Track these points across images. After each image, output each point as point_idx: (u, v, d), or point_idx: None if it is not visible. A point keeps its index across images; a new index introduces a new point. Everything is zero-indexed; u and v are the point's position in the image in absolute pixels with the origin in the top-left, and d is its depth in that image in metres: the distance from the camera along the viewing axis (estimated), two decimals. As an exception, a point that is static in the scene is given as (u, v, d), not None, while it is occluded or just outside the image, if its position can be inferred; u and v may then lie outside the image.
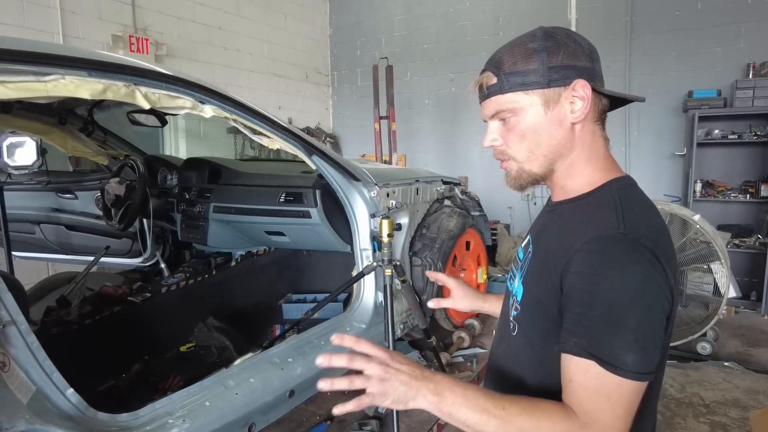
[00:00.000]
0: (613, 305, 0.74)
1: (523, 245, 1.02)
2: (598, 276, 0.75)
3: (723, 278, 3.77)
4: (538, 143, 0.87)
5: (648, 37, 5.59)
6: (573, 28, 5.98)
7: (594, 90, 0.84)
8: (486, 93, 0.89)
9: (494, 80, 0.87)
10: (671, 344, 3.83)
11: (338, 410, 0.79)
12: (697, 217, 3.84)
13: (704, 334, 3.83)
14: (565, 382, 0.78)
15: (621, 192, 0.85)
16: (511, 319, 0.94)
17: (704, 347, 3.85)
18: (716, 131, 5.01)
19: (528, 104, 0.85)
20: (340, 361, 0.79)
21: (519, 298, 0.92)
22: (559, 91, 0.84)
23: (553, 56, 0.83)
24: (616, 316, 0.73)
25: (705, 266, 3.92)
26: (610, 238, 0.77)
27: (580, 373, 0.75)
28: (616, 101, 0.91)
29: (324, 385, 0.80)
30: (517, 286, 0.93)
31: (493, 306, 1.22)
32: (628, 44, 5.63)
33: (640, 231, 0.77)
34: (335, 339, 0.84)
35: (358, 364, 0.79)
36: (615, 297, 0.74)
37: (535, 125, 0.86)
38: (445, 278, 1.27)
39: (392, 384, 0.77)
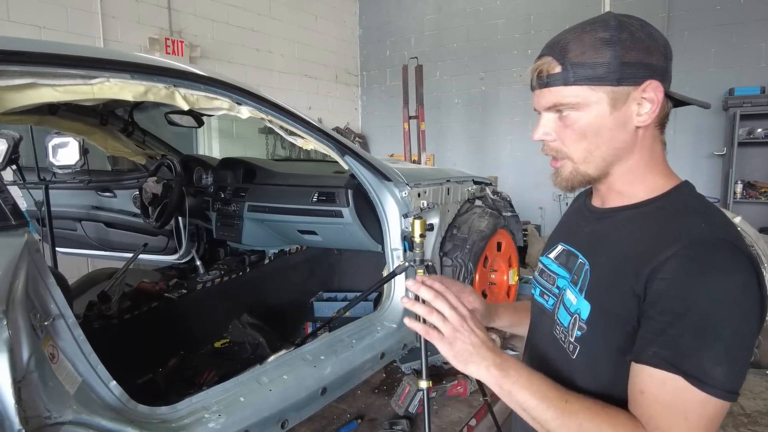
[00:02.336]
0: (708, 314, 0.67)
1: (553, 256, 0.94)
2: (696, 283, 0.68)
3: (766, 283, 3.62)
4: (598, 144, 0.80)
5: (686, 34, 5.42)
6: (607, 25, 5.84)
7: (666, 93, 0.78)
8: (545, 81, 0.79)
9: (558, 68, 0.78)
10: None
11: (407, 321, 0.82)
12: (738, 220, 3.70)
13: (745, 341, 3.69)
14: (633, 392, 0.72)
15: (695, 197, 0.80)
16: (572, 340, 0.83)
17: (745, 354, 3.71)
18: (759, 130, 4.83)
19: (594, 101, 0.77)
20: (427, 294, 0.81)
21: (584, 316, 0.80)
22: (629, 91, 0.77)
23: (628, 51, 0.75)
24: (710, 327, 0.67)
25: (760, 268, 3.77)
26: (709, 244, 0.70)
27: (655, 385, 0.69)
28: (677, 103, 0.84)
29: (406, 301, 0.82)
30: (576, 303, 0.83)
31: (504, 320, 1.10)
32: (665, 41, 5.48)
33: (734, 236, 0.72)
34: (415, 281, 0.84)
35: (440, 305, 0.79)
36: (712, 306, 0.67)
37: (597, 125, 0.78)
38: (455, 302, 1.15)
39: (463, 338, 0.77)
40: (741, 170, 5.00)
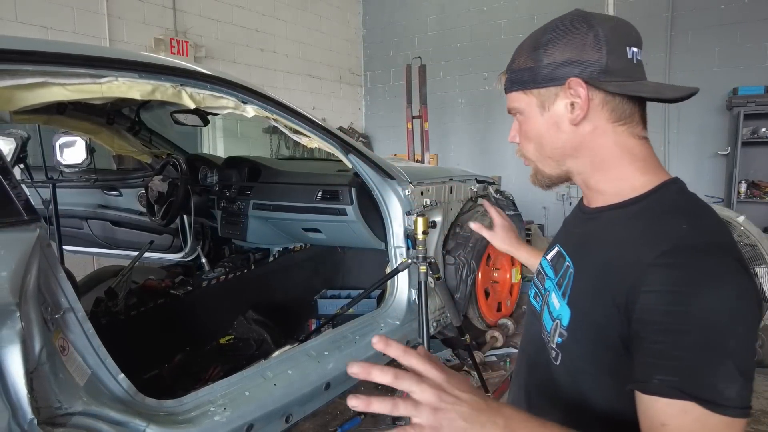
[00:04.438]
0: (710, 329, 0.61)
1: (549, 257, 0.91)
2: (689, 295, 0.62)
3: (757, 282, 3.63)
4: (541, 144, 0.82)
5: (690, 33, 5.42)
6: (611, 25, 5.84)
7: (599, 88, 0.74)
8: (502, 90, 0.87)
9: (503, 78, 0.85)
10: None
11: (355, 403, 0.58)
12: (741, 219, 3.70)
13: (748, 340, 3.69)
14: (653, 426, 0.63)
15: (683, 195, 0.75)
16: (553, 346, 0.79)
17: (748, 353, 3.72)
18: (763, 129, 4.82)
19: (525, 105, 0.81)
20: (383, 377, 0.59)
21: (565, 322, 0.77)
22: (555, 91, 0.77)
23: (554, 51, 0.76)
24: (715, 342, 0.61)
25: (750, 270, 3.78)
26: (694, 249, 0.65)
27: (677, 416, 0.61)
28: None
29: (356, 403, 0.58)
30: (558, 308, 0.79)
31: (525, 257, 1.19)
32: (668, 41, 5.48)
33: (724, 239, 0.68)
34: (378, 343, 0.63)
35: (405, 384, 0.59)
36: (712, 318, 0.61)
37: (536, 127, 0.82)
38: (493, 212, 1.26)
39: (448, 416, 0.58)
40: (745, 170, 4.99)
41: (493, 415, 0.60)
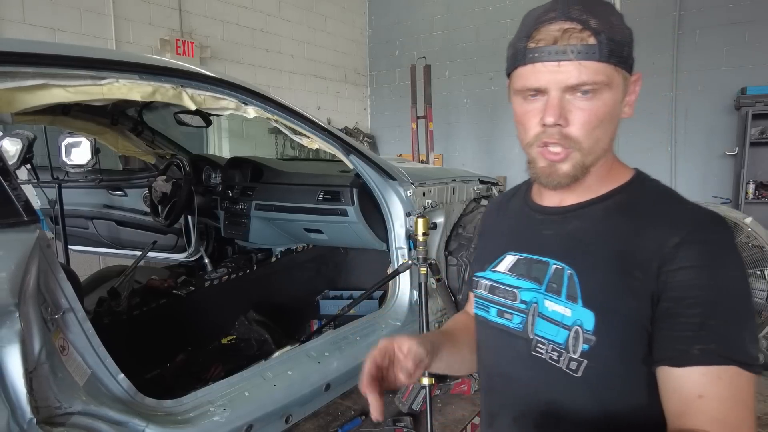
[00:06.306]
0: (737, 295, 0.66)
1: (504, 268, 0.83)
2: (718, 267, 0.66)
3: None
4: (606, 132, 0.72)
5: (698, 32, 5.37)
6: (617, 25, 5.81)
7: None
8: (575, 52, 0.67)
9: (593, 40, 0.67)
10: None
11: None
12: (749, 220, 3.67)
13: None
14: (688, 399, 0.64)
15: (658, 183, 0.78)
16: (575, 356, 0.73)
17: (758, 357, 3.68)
18: (771, 130, 4.77)
19: (616, 84, 0.70)
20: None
21: (589, 327, 0.71)
22: (629, 78, 0.73)
23: (631, 37, 0.71)
24: (740, 307, 0.66)
25: (758, 271, 3.74)
26: (712, 224, 0.69)
27: (712, 383, 0.63)
28: None
29: None
30: (571, 314, 0.73)
31: (442, 362, 0.85)
32: (675, 40, 5.43)
33: (714, 211, 0.70)
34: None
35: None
36: (739, 287, 0.66)
37: (612, 111, 0.71)
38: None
39: None
40: (753, 170, 4.94)
41: None
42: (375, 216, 2.45)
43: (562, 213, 0.80)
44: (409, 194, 2.34)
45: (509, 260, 0.83)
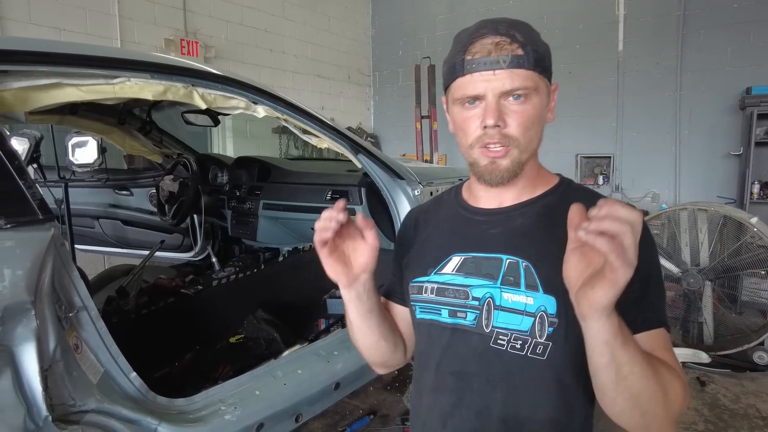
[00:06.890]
0: (659, 270, 0.81)
1: (450, 269, 0.87)
2: (646, 247, 0.73)
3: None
4: (537, 132, 0.83)
5: (702, 32, 5.36)
6: (621, 25, 5.82)
7: None
8: (507, 61, 0.78)
9: (520, 51, 0.78)
10: (724, 353, 3.65)
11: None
12: (754, 220, 3.67)
13: (761, 343, 3.65)
14: (656, 351, 0.79)
15: (578, 183, 0.95)
16: (541, 341, 0.80)
17: (761, 357, 3.67)
18: (776, 130, 4.77)
19: (541, 89, 0.81)
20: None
21: (552, 310, 0.79)
22: (549, 87, 0.85)
23: (549, 51, 0.85)
24: (660, 278, 0.81)
25: (763, 272, 3.73)
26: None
27: (658, 341, 0.78)
28: None
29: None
30: (534, 301, 0.80)
31: (374, 318, 0.95)
32: (680, 40, 5.43)
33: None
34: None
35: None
36: (658, 262, 0.82)
37: (539, 113, 0.82)
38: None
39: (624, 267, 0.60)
40: (758, 170, 4.94)
41: None
42: (383, 215, 2.44)
43: (505, 212, 0.88)
44: (417, 193, 2.34)
45: (456, 261, 0.88)
